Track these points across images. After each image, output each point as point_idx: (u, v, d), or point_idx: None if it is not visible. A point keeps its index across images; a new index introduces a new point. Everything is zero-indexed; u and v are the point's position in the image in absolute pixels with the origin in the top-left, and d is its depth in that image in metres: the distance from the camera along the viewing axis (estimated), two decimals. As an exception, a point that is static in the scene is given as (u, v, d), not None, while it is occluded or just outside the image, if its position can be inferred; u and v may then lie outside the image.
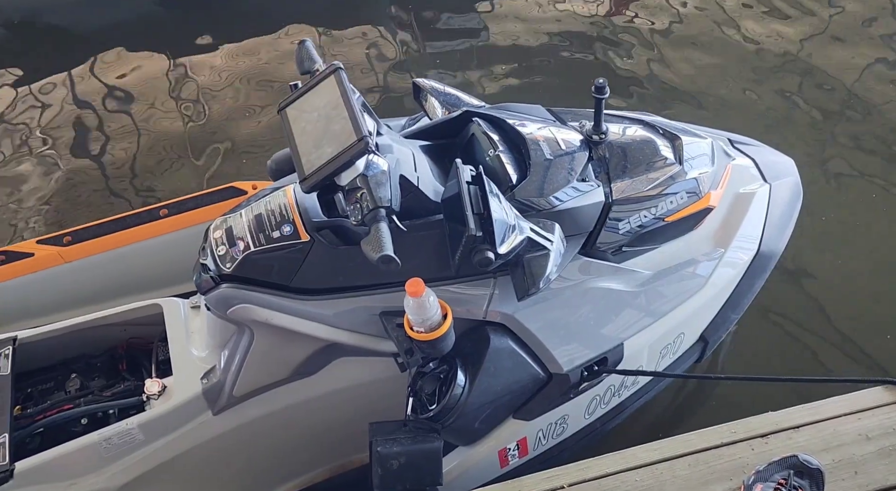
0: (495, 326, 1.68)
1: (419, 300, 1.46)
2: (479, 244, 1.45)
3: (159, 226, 2.21)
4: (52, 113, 3.72)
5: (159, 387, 1.79)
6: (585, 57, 3.94)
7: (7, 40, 4.29)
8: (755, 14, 4.21)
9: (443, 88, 1.97)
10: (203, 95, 3.77)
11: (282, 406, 1.80)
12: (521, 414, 1.76)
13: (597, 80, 1.70)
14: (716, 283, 1.92)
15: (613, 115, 1.98)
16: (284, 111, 1.59)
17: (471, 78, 3.81)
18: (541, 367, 1.71)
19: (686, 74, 3.79)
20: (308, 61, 1.69)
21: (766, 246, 2.00)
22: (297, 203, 1.65)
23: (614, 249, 1.80)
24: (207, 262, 1.65)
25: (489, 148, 1.72)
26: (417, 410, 1.62)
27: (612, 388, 1.87)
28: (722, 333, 2.02)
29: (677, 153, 1.87)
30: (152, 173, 3.37)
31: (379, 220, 1.40)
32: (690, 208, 1.85)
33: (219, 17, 4.36)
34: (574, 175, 1.71)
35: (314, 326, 1.65)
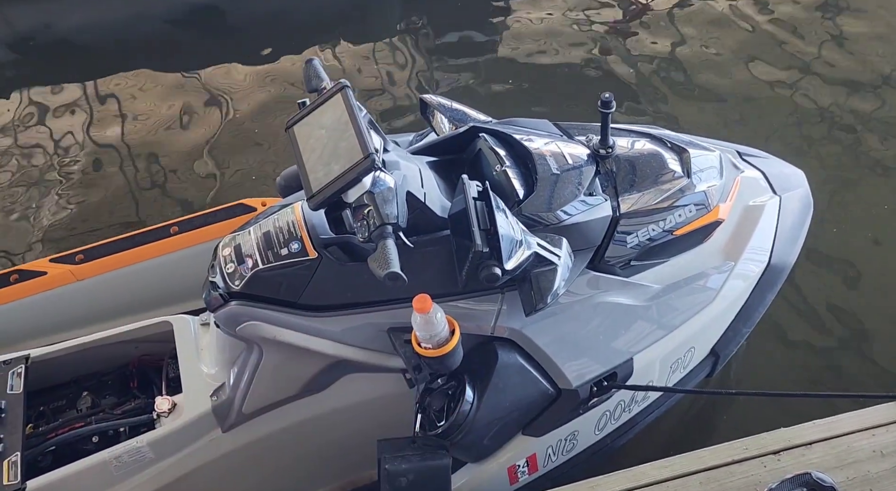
0: (503, 341, 1.67)
1: (426, 316, 1.46)
2: (486, 260, 1.45)
3: (170, 243, 2.23)
4: (66, 131, 3.77)
5: (169, 404, 1.80)
6: (596, 72, 3.94)
7: (22, 60, 4.36)
8: (769, 29, 4.20)
9: (449, 104, 1.98)
10: (214, 113, 3.80)
11: (291, 423, 1.80)
12: (531, 430, 1.75)
13: (603, 95, 1.70)
14: (726, 296, 1.90)
15: (621, 129, 1.98)
16: (292, 129, 1.61)
17: (479, 92, 3.82)
18: (549, 382, 1.70)
19: (699, 87, 3.78)
20: (315, 79, 1.71)
21: (776, 258, 1.99)
22: (305, 220, 1.65)
23: (623, 263, 1.79)
24: (216, 279, 1.66)
25: (496, 163, 1.73)
26: (426, 426, 1.62)
27: (622, 403, 1.86)
28: (733, 347, 2.01)
29: (685, 166, 1.87)
30: (165, 190, 3.40)
31: (385, 237, 1.40)
32: (699, 221, 1.85)
33: (228, 35, 4.42)
34: (581, 189, 1.71)
35: (322, 343, 1.66)
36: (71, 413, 1.89)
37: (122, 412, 1.87)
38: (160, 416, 1.79)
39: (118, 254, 2.22)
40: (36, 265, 2.21)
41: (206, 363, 1.86)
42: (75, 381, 1.97)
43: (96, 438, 1.81)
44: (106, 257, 2.22)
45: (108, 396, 1.93)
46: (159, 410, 1.79)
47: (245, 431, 1.78)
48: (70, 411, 1.89)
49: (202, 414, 1.76)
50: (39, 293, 2.17)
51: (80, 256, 2.21)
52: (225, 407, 1.75)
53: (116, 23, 4.43)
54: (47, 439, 1.80)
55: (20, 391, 1.82)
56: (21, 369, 1.87)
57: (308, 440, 1.84)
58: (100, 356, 1.98)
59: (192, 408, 1.77)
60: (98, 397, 1.92)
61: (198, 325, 1.95)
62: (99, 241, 2.27)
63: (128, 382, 1.97)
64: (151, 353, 1.99)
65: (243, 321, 1.64)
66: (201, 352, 1.88)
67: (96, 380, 1.97)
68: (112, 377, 1.98)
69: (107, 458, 1.70)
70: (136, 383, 1.97)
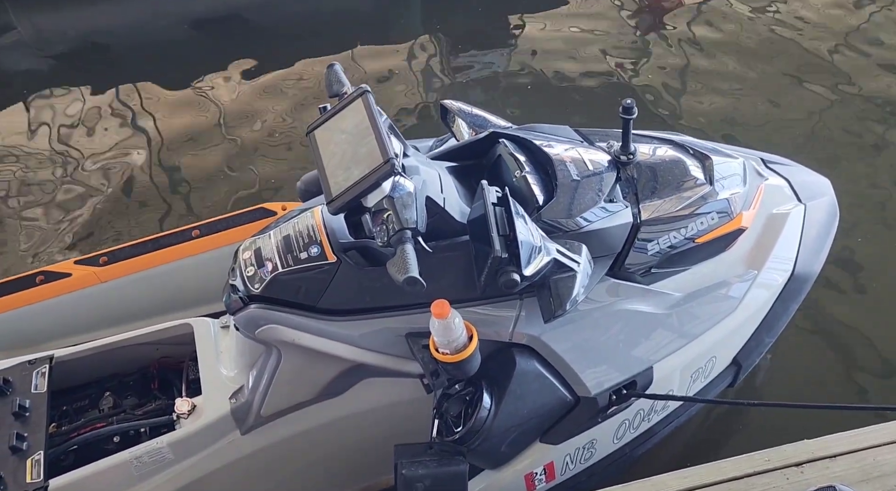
0: (522, 348, 1.66)
1: (445, 322, 1.45)
2: (505, 266, 1.45)
3: (191, 246, 2.25)
4: (91, 135, 3.82)
5: (189, 406, 1.81)
6: (618, 78, 3.93)
7: (48, 64, 4.44)
8: (792, 32, 4.16)
9: (470, 110, 1.98)
10: (236, 117, 3.84)
11: (309, 426, 1.80)
12: (549, 438, 1.74)
13: (624, 101, 1.69)
14: (748, 305, 1.88)
15: (642, 136, 1.96)
16: (313, 133, 1.62)
17: (498, 98, 3.82)
18: (568, 390, 1.69)
19: (723, 95, 3.75)
20: (337, 84, 1.72)
21: (801, 267, 1.96)
22: (325, 224, 1.66)
23: (643, 271, 1.77)
24: (237, 282, 1.67)
25: (515, 169, 1.72)
26: (443, 432, 1.61)
27: (641, 412, 1.84)
28: (755, 356, 1.98)
29: (708, 173, 1.85)
30: (188, 193, 3.44)
31: (404, 242, 1.40)
32: (722, 229, 1.83)
33: (251, 40, 4.46)
34: (601, 196, 1.70)
35: (340, 347, 1.66)
36: (93, 413, 1.90)
37: (143, 413, 1.88)
38: (180, 417, 1.80)
39: (141, 256, 2.25)
40: (61, 267, 2.24)
41: (226, 366, 1.87)
42: (98, 381, 1.99)
43: (117, 438, 1.82)
44: (129, 260, 2.24)
45: (130, 397, 1.95)
46: (179, 411, 1.80)
47: (263, 434, 1.79)
48: (92, 411, 1.91)
49: (221, 416, 1.77)
50: (64, 294, 2.20)
51: (104, 258, 2.24)
52: (243, 409, 1.76)
53: (141, 28, 4.50)
54: (70, 439, 1.82)
55: (44, 391, 1.85)
56: (45, 369, 1.89)
57: (325, 444, 1.84)
58: (122, 357, 2.00)
59: (212, 410, 1.78)
60: (120, 398, 1.94)
61: (218, 327, 1.96)
62: (122, 244, 2.30)
63: (149, 383, 1.99)
64: (172, 355, 2.01)
65: (262, 324, 1.64)
66: (221, 354, 1.90)
67: (118, 380, 1.99)
68: (134, 378, 2.00)
69: (128, 458, 1.72)
70: (157, 385, 1.98)
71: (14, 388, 1.85)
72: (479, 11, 4.54)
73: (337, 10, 4.60)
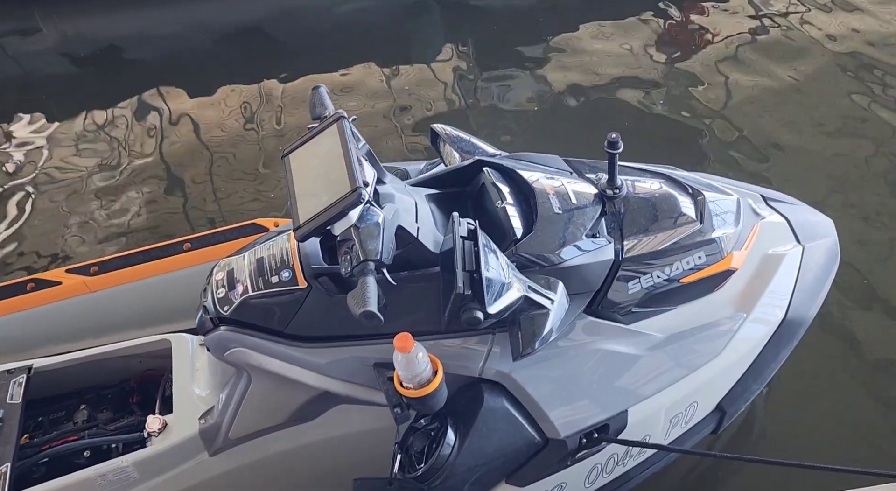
0: (491, 384, 1.62)
1: (408, 356, 1.42)
2: (469, 302, 1.41)
3: (181, 259, 2.26)
4: (107, 143, 3.89)
5: (160, 424, 1.80)
6: (638, 105, 3.86)
7: (72, 72, 4.53)
8: (827, 60, 4.05)
9: (459, 135, 1.95)
10: (253, 129, 3.87)
11: (278, 451, 1.78)
12: (515, 479, 1.68)
13: (610, 135, 1.65)
14: (735, 349, 1.80)
15: (635, 169, 1.91)
16: (287, 157, 1.60)
17: (506, 121, 3.78)
18: (536, 430, 1.64)
19: (748, 122, 3.66)
20: (320, 107, 1.70)
21: (794, 312, 1.88)
22: (299, 249, 1.64)
23: (624, 310, 1.71)
24: (208, 303, 1.66)
25: (497, 199, 1.68)
26: (405, 467, 1.57)
27: (615, 457, 1.78)
28: (741, 403, 1.90)
29: (699, 210, 1.79)
30: (195, 204, 3.47)
31: (366, 274, 1.37)
32: (710, 270, 1.76)
33: (272, 53, 4.50)
34: (583, 231, 1.65)
35: (307, 374, 1.63)
36: (67, 426, 1.90)
37: (116, 429, 1.88)
38: (150, 435, 1.79)
39: (131, 267, 2.26)
40: (52, 275, 2.26)
41: (200, 385, 1.86)
42: (77, 392, 1.99)
43: (88, 452, 1.82)
44: (119, 270, 2.25)
45: (106, 411, 1.94)
46: (150, 429, 1.79)
47: (231, 457, 1.77)
48: (67, 424, 1.91)
49: (189, 437, 1.75)
50: (53, 303, 2.22)
51: (94, 268, 2.26)
52: (212, 431, 1.74)
53: (162, 37, 4.57)
54: (41, 451, 1.82)
55: (19, 401, 1.85)
56: (23, 379, 1.90)
57: (294, 470, 1.82)
58: (103, 369, 2.00)
59: (181, 429, 1.76)
60: (95, 411, 1.94)
61: (197, 345, 1.95)
62: (113, 254, 2.31)
63: (128, 396, 1.99)
64: (156, 368, 2.00)
65: (231, 347, 1.63)
66: (196, 372, 1.89)
67: (96, 393, 1.99)
68: (113, 391, 2.00)
69: (92, 475, 1.71)
70: (136, 398, 1.98)
71: None
72: (496, 30, 4.52)
73: (356, 25, 4.62)
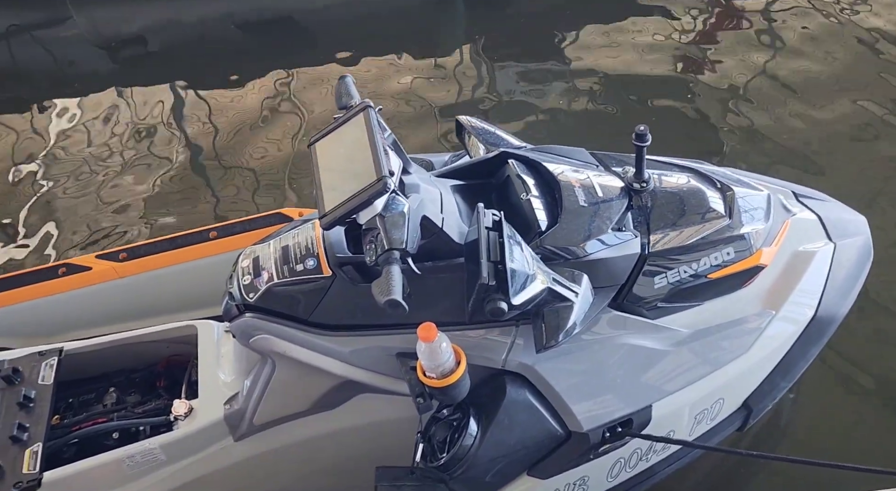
0: (514, 376, 1.62)
1: (431, 346, 1.42)
2: (493, 293, 1.40)
3: (208, 247, 2.28)
4: (134, 131, 3.94)
5: (186, 408, 1.82)
6: (663, 100, 3.81)
7: (102, 60, 4.59)
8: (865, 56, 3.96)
9: (485, 127, 1.94)
10: (278, 120, 3.89)
11: (301, 438, 1.79)
12: (536, 471, 1.68)
13: (638, 128, 1.63)
14: (763, 346, 1.78)
15: (663, 163, 1.89)
16: (314, 146, 1.61)
17: (531, 115, 3.75)
18: (559, 423, 1.63)
19: (780, 119, 3.60)
20: (346, 97, 1.70)
21: (824, 310, 1.85)
22: (324, 238, 1.65)
23: (650, 304, 1.70)
24: (233, 290, 1.68)
25: (521, 191, 1.68)
26: (427, 456, 1.58)
27: (638, 451, 1.77)
28: (768, 401, 1.87)
29: (728, 205, 1.76)
30: (220, 193, 3.51)
31: (391, 263, 1.37)
32: (738, 266, 1.74)
33: (298, 44, 4.52)
34: (609, 224, 1.64)
35: (330, 362, 1.64)
36: (96, 408, 1.94)
37: (143, 412, 1.91)
38: (177, 418, 1.82)
39: (159, 254, 2.29)
40: (83, 260, 2.30)
41: (225, 371, 1.88)
42: (106, 376, 2.03)
43: (116, 434, 1.85)
44: (147, 257, 2.28)
45: (134, 394, 1.97)
46: (176, 413, 1.81)
47: (255, 442, 1.79)
48: (96, 406, 1.94)
49: (215, 421, 1.77)
50: (84, 287, 2.26)
51: (123, 254, 2.29)
52: (237, 416, 1.76)
53: (191, 26, 4.61)
54: (71, 431, 1.86)
55: (50, 383, 1.89)
56: (54, 361, 1.93)
57: (317, 457, 1.83)
58: (131, 354, 2.03)
59: (206, 414, 1.78)
60: (124, 394, 1.97)
61: (222, 331, 1.97)
62: (142, 241, 2.34)
63: (155, 381, 2.02)
64: (182, 353, 2.03)
65: (256, 334, 1.64)
66: (221, 359, 1.91)
67: (125, 376, 2.02)
68: (140, 375, 2.03)
69: (121, 456, 1.74)
70: (162, 383, 2.01)
71: (22, 378, 1.90)
72: (522, 23, 4.49)
73: (381, 17, 4.62)
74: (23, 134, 4.00)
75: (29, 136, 3.97)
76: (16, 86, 4.44)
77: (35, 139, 3.95)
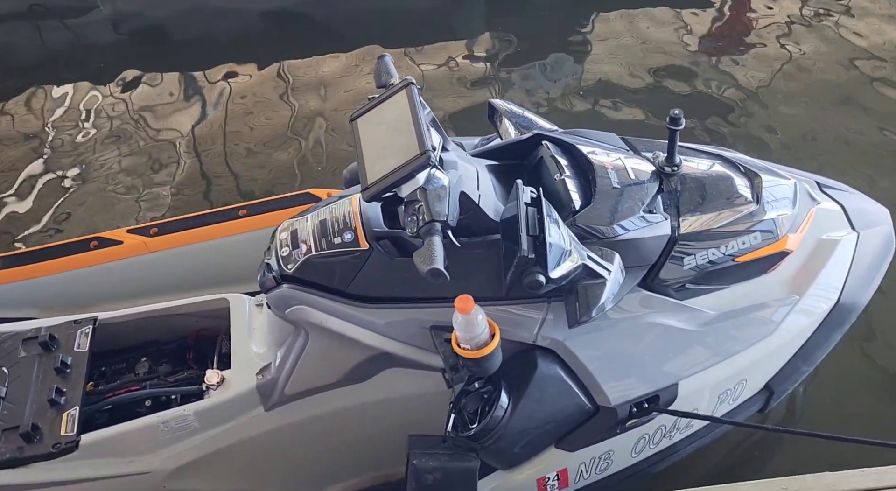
0: (545, 351, 1.65)
1: (468, 317, 1.46)
2: (531, 266, 1.44)
3: (237, 225, 2.31)
4: (157, 115, 3.98)
5: (218, 378, 1.86)
6: (685, 90, 3.84)
7: (122, 45, 4.64)
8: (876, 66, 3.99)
9: (517, 110, 1.98)
10: (298, 105, 3.93)
11: (331, 409, 1.83)
12: (564, 444, 1.72)
13: (672, 111, 1.66)
14: (787, 330, 1.82)
15: (692, 149, 1.93)
16: (356, 122, 1.64)
17: (550, 103, 3.78)
18: (588, 398, 1.67)
19: (797, 116, 3.63)
20: (385, 75, 1.74)
21: (847, 297, 1.89)
22: (361, 212, 1.69)
23: (678, 285, 1.74)
24: (271, 261, 1.71)
25: (555, 172, 1.71)
26: (459, 427, 1.62)
27: (662, 428, 1.81)
28: (789, 384, 1.91)
29: (755, 192, 1.80)
30: (243, 175, 3.55)
31: (433, 234, 1.41)
32: (764, 250, 1.77)
33: (320, 35, 4.55)
34: (640, 206, 1.67)
35: (365, 334, 1.68)
36: (129, 376, 1.98)
37: (175, 381, 1.95)
38: (209, 388, 1.85)
39: (189, 231, 2.32)
40: (114, 234, 2.33)
41: (257, 342, 1.92)
42: (138, 346, 2.07)
43: (149, 402, 1.89)
44: (177, 233, 2.32)
45: (165, 364, 2.01)
46: (208, 382, 1.85)
47: (286, 412, 1.82)
48: (129, 374, 1.98)
49: (247, 390, 1.81)
50: (115, 261, 2.30)
51: (154, 229, 2.32)
52: (269, 386, 1.80)
53: (215, 15, 4.65)
54: (105, 398, 1.90)
55: (86, 350, 1.93)
56: (89, 330, 1.98)
57: (346, 428, 1.87)
58: (162, 325, 2.07)
59: (239, 384, 1.82)
60: (155, 364, 2.01)
61: (253, 305, 2.01)
62: (173, 218, 2.38)
63: (185, 352, 2.06)
64: (211, 327, 2.07)
65: (293, 304, 1.68)
66: (253, 331, 1.95)
67: (156, 347, 2.06)
68: (171, 347, 2.07)
69: (156, 422, 1.78)
70: (192, 355, 2.05)
71: (59, 345, 1.95)
72: (543, 15, 4.52)
73: (401, 9, 4.65)
74: (44, 115, 4.04)
75: (51, 117, 4.01)
76: (40, 69, 4.48)
77: (57, 119, 3.99)
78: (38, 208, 3.46)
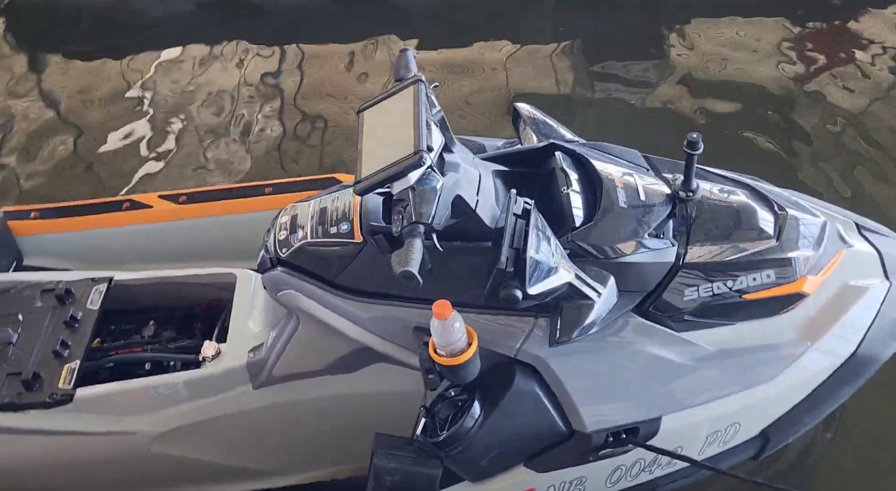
0: (525, 366, 1.62)
1: (444, 323, 1.44)
2: (509, 280, 1.40)
3: (262, 201, 2.36)
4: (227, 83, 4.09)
5: (214, 350, 1.90)
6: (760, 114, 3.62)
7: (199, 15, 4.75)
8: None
9: (540, 116, 1.93)
10: (350, 91, 3.96)
11: (317, 396, 1.84)
12: (534, 464, 1.68)
13: (690, 135, 1.58)
14: (791, 377, 1.71)
15: (717, 175, 1.83)
16: (362, 113, 1.63)
17: (595, 113, 3.66)
18: (563, 420, 1.62)
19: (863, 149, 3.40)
20: (404, 69, 1.72)
21: (866, 348, 1.76)
22: (361, 204, 1.68)
23: (676, 316, 1.66)
24: (269, 243, 1.74)
25: (563, 184, 1.66)
26: (428, 431, 1.60)
27: (641, 461, 1.73)
28: (788, 434, 1.80)
29: (777, 226, 1.69)
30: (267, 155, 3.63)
31: (415, 236, 1.39)
32: (778, 290, 1.67)
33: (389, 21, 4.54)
34: (646, 229, 1.60)
35: (349, 326, 1.68)
36: (135, 338, 2.05)
37: (176, 348, 2.00)
38: (205, 359, 1.90)
39: (216, 202, 2.39)
40: (146, 198, 2.42)
41: (255, 320, 1.95)
42: (149, 309, 2.14)
43: (149, 365, 1.95)
44: (205, 203, 2.38)
45: (170, 330, 2.08)
46: (205, 353, 1.89)
47: (273, 393, 1.85)
48: (134, 336, 2.06)
49: (238, 367, 1.85)
50: (143, 224, 2.38)
51: (183, 197, 2.40)
52: (259, 365, 1.83)
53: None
54: (108, 355, 1.98)
55: (97, 308, 2.01)
56: (103, 288, 2.06)
57: (331, 417, 1.88)
58: (174, 292, 2.14)
59: (231, 359, 1.86)
60: (161, 329, 2.08)
61: (259, 282, 2.04)
62: (202, 188, 2.44)
63: (192, 321, 2.11)
64: (221, 298, 2.12)
65: (284, 288, 1.70)
66: (254, 308, 1.98)
67: (165, 313, 2.12)
68: (180, 314, 2.13)
69: (147, 385, 1.84)
70: (199, 325, 2.10)
71: (73, 299, 2.03)
72: (610, 20, 4.39)
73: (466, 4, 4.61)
74: (120, 79, 4.20)
75: (127, 81, 4.17)
76: (122, 32, 4.66)
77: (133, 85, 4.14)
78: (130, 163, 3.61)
